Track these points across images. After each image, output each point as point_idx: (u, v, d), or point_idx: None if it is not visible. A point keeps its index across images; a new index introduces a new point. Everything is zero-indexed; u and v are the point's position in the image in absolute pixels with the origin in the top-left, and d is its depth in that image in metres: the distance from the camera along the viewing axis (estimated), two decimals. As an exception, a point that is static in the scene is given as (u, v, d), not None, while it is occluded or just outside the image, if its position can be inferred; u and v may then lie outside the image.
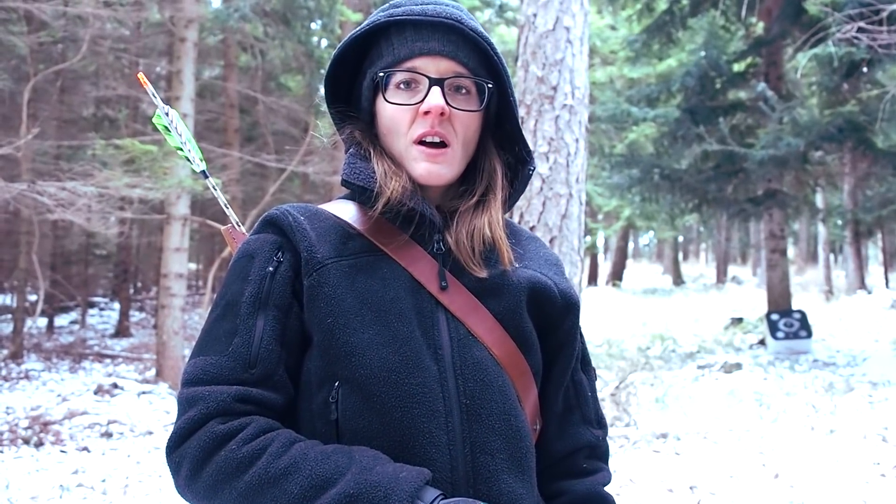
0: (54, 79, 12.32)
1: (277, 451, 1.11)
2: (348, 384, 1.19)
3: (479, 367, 1.25)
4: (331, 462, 1.10)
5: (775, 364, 11.15)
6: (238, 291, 1.24)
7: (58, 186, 7.83)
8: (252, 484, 1.09)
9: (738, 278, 33.61)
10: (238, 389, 1.16)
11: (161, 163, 8.26)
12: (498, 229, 1.32)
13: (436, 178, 1.29)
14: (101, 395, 9.23)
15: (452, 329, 1.26)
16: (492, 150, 1.37)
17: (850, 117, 11.24)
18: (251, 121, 16.51)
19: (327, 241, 1.27)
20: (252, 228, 1.34)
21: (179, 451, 1.15)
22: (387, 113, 1.29)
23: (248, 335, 1.20)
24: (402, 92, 1.28)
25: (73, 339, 14.96)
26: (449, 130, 1.28)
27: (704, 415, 7.98)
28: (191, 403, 1.16)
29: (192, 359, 1.22)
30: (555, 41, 4.41)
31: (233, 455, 1.11)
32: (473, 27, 1.28)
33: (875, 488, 5.47)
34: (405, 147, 1.29)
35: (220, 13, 10.83)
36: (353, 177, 1.29)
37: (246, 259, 1.27)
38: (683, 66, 13.13)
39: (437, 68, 1.26)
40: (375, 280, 1.25)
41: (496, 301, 1.30)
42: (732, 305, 19.82)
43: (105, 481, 6.21)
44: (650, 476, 5.88)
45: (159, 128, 1.60)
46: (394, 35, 1.28)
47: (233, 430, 1.13)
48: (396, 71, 1.27)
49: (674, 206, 14.11)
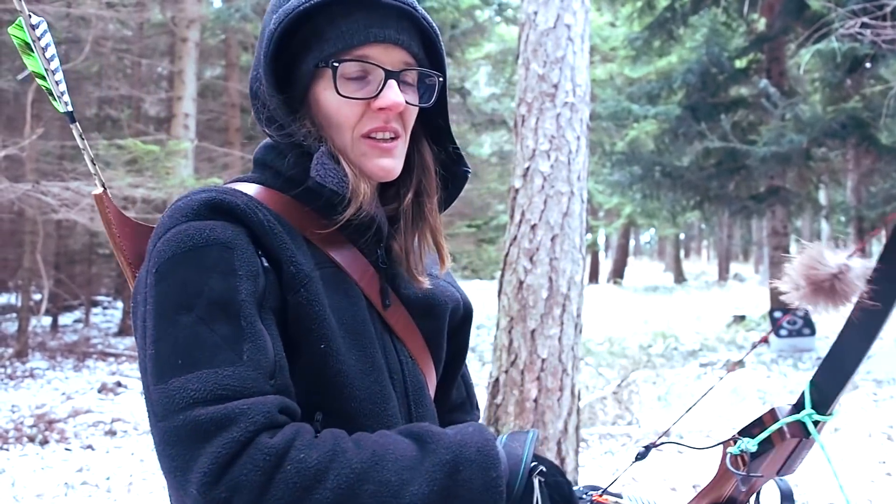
0: (57, 79, 12.33)
1: (348, 447, 0.99)
2: (334, 415, 1.08)
3: (422, 391, 1.24)
4: (401, 441, 1.03)
5: (778, 362, 11.15)
6: (227, 288, 1.01)
7: (62, 186, 7.86)
8: (342, 487, 0.94)
9: (741, 276, 33.60)
10: (278, 398, 0.98)
11: (164, 163, 8.28)
12: (439, 234, 1.26)
13: (391, 175, 1.17)
14: (105, 394, 9.26)
15: (400, 352, 1.22)
16: (424, 145, 1.25)
17: (854, 113, 11.24)
18: (252, 120, 16.51)
19: (298, 246, 1.11)
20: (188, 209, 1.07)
21: (225, 482, 0.91)
22: (332, 105, 1.13)
23: (261, 340, 1.00)
24: (350, 83, 1.12)
25: (77, 338, 14.98)
26: (398, 125, 1.16)
27: (707, 413, 7.99)
28: (223, 424, 0.93)
29: (183, 375, 0.97)
30: (556, 39, 4.41)
31: (304, 465, 0.94)
32: (424, 14, 1.17)
33: (880, 487, 5.48)
34: (351, 141, 1.14)
35: (221, 13, 10.85)
36: (328, 180, 1.13)
37: (219, 248, 1.03)
38: (685, 63, 13.13)
39: (391, 58, 1.13)
40: (342, 297, 1.14)
41: (426, 321, 1.27)
42: (735, 303, 19.81)
43: (109, 479, 6.24)
44: (653, 475, 5.89)
45: (17, 43, 1.20)
46: (338, 15, 1.11)
47: (288, 439, 0.95)
48: (348, 60, 1.11)
49: (675, 204, 14.11)
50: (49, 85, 1.22)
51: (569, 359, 4.26)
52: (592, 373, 8.34)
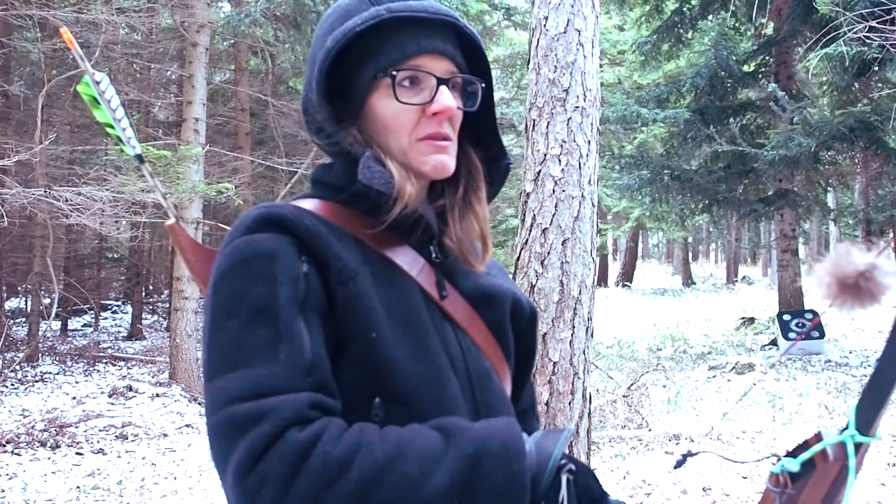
0: (67, 84, 12.40)
1: (373, 440, 1.03)
2: (392, 401, 1.14)
3: (488, 377, 1.28)
4: (427, 434, 1.06)
5: (787, 365, 11.13)
6: (267, 295, 1.09)
7: (74, 191, 7.90)
8: (364, 479, 0.99)
9: (749, 278, 33.50)
10: (310, 395, 1.05)
11: (175, 167, 8.31)
12: (486, 224, 1.33)
13: (445, 171, 1.26)
14: (116, 398, 9.29)
15: (461, 340, 1.27)
16: (467, 147, 1.35)
17: (862, 117, 11.21)
18: (262, 124, 16.56)
19: (345, 246, 1.19)
20: (243, 226, 1.17)
21: (256, 473, 0.98)
22: (390, 111, 1.23)
23: (298, 341, 1.07)
24: (406, 90, 1.23)
25: (87, 342, 15.04)
26: (448, 128, 1.26)
27: (717, 416, 7.98)
28: (254, 419, 1.00)
29: (226, 374, 1.06)
30: (566, 43, 4.43)
31: (329, 457, 0.99)
32: (465, 24, 1.28)
33: (890, 490, 5.47)
34: (409, 144, 1.24)
35: (231, 18, 10.89)
36: (374, 181, 1.22)
37: (263, 259, 1.12)
38: (693, 67, 13.12)
39: (439, 67, 1.24)
40: (394, 290, 1.21)
41: (488, 311, 1.33)
42: (743, 306, 19.76)
43: (121, 483, 6.26)
44: (663, 478, 5.89)
45: (85, 98, 1.36)
46: (389, 31, 1.23)
47: (315, 433, 1.01)
48: (404, 69, 1.22)
49: (684, 207, 14.09)
50: (118, 132, 1.37)
51: (580, 362, 4.27)
52: (602, 376, 8.34)
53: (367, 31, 1.21)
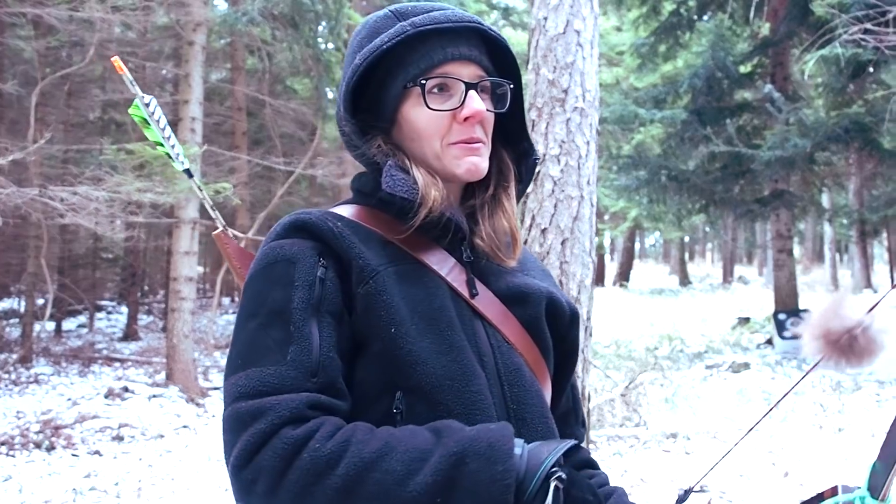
0: (61, 83, 12.36)
1: (363, 438, 1.08)
2: (413, 394, 1.18)
3: (519, 373, 1.29)
4: (420, 435, 1.10)
5: (783, 363, 11.15)
6: (284, 298, 1.17)
7: (69, 191, 7.87)
8: (350, 475, 1.04)
9: (745, 278, 33.57)
10: (309, 395, 1.11)
11: (172, 167, 8.27)
12: (514, 220, 1.35)
13: (478, 173, 1.30)
14: (112, 399, 9.26)
15: (491, 336, 1.29)
16: (498, 146, 1.39)
17: (857, 118, 11.24)
18: (259, 124, 16.54)
19: (370, 246, 1.25)
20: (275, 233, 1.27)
21: (251, 467, 1.06)
22: (422, 119, 1.28)
23: (307, 343, 1.14)
24: (435, 97, 1.27)
25: (82, 343, 14.99)
26: (481, 132, 1.30)
27: (713, 414, 8.00)
28: (255, 416, 1.08)
29: (239, 372, 1.14)
30: (566, 44, 4.43)
31: (318, 454, 1.05)
32: (490, 27, 1.32)
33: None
34: (441, 149, 1.29)
35: (228, 17, 10.87)
36: (398, 189, 1.25)
37: (285, 264, 1.21)
38: (690, 68, 13.13)
39: (467, 73, 1.28)
40: (420, 288, 1.24)
41: (521, 309, 1.34)
42: (739, 305, 19.81)
43: (118, 485, 6.24)
44: (661, 476, 5.90)
45: (136, 119, 1.45)
46: (417, 42, 1.27)
47: (309, 431, 1.07)
48: (433, 77, 1.26)
49: (681, 208, 14.11)
50: (167, 150, 1.47)
51: (579, 361, 4.27)
52: (600, 375, 8.34)
53: (397, 45, 1.26)
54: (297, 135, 16.14)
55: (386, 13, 1.33)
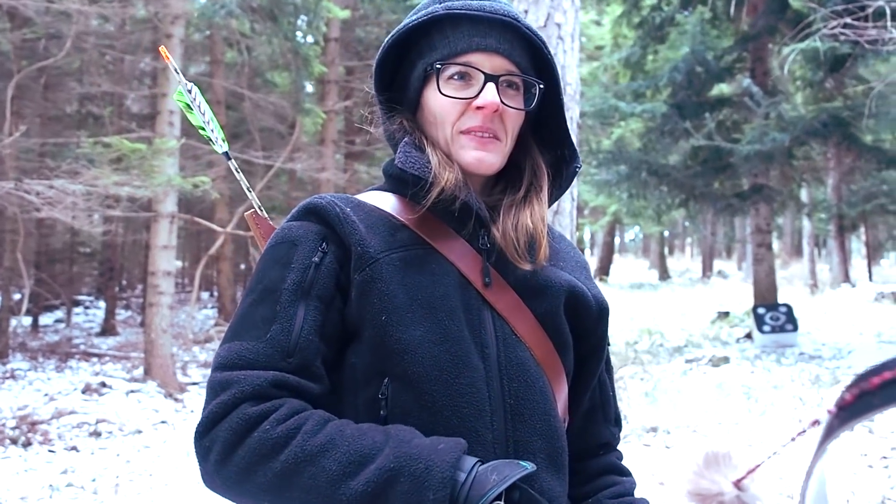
0: (38, 76, 12.23)
1: (313, 429, 1.10)
2: (399, 381, 1.19)
3: (522, 368, 1.26)
4: (367, 438, 1.09)
5: (762, 357, 11.21)
6: (278, 277, 1.22)
7: (45, 185, 7.77)
8: (288, 463, 1.07)
9: (724, 272, 33.81)
10: (275, 374, 1.14)
11: (150, 161, 8.20)
12: (541, 224, 1.32)
13: (486, 167, 1.29)
14: (89, 394, 9.18)
15: (498, 328, 1.27)
16: (534, 149, 1.38)
17: (835, 112, 11.32)
18: (238, 117, 16.44)
19: (376, 232, 1.26)
20: (290, 214, 1.31)
21: (209, 436, 1.11)
22: (437, 103, 1.29)
23: (289, 323, 1.17)
24: (455, 84, 1.28)
25: (59, 338, 14.87)
26: (499, 126, 1.28)
27: (693, 408, 8.03)
28: (223, 387, 1.13)
29: (226, 343, 1.19)
30: (546, 37, 4.41)
31: (267, 435, 1.08)
32: (528, 25, 1.30)
33: (862, 479, 5.52)
34: (452, 136, 1.29)
35: (206, 9, 10.78)
36: (409, 166, 1.27)
37: (287, 245, 1.25)
38: (670, 62, 13.17)
39: (492, 65, 1.27)
40: (425, 275, 1.24)
41: (537, 301, 1.31)
42: (718, 299, 19.92)
43: (95, 481, 6.18)
44: (641, 470, 5.91)
45: (181, 105, 1.55)
46: (448, 28, 1.28)
47: (266, 411, 1.11)
48: (452, 63, 1.27)
49: (661, 203, 14.15)
50: (208, 134, 1.55)
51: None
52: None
53: (430, 26, 1.29)
54: (277, 129, 16.05)
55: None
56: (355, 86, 15.84)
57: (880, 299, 17.90)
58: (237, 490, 1.11)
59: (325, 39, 14.20)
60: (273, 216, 1.55)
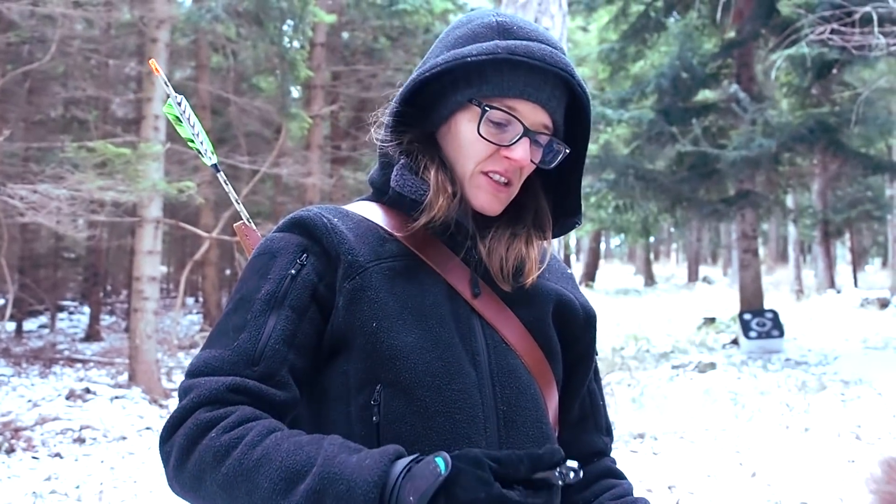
0: (22, 80, 12.15)
1: (253, 440, 1.09)
2: (391, 387, 1.19)
3: (514, 375, 1.26)
4: (302, 454, 1.07)
5: (749, 363, 11.25)
6: (254, 288, 1.23)
7: (30, 189, 7.70)
8: (228, 476, 1.07)
9: (709, 278, 33.92)
10: (233, 379, 1.15)
11: (135, 165, 8.14)
12: (533, 256, 1.32)
13: (492, 212, 1.30)
14: (74, 400, 9.10)
15: (488, 336, 1.27)
16: (540, 194, 1.37)
17: (821, 118, 11.38)
18: (223, 122, 16.38)
19: (365, 242, 1.26)
20: (276, 226, 1.32)
21: (170, 441, 1.14)
22: (469, 138, 1.27)
23: (257, 332, 1.18)
24: (491, 126, 1.25)
25: (43, 344, 14.75)
26: (515, 175, 1.29)
27: (680, 414, 8.03)
28: (185, 393, 1.16)
29: (200, 351, 1.21)
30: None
31: (212, 444, 1.09)
32: (581, 83, 1.28)
33: (850, 485, 5.53)
34: (472, 173, 1.28)
35: (192, 14, 10.74)
36: (406, 189, 1.29)
37: (267, 256, 1.26)
38: (656, 68, 13.21)
39: (534, 118, 1.26)
40: (414, 285, 1.25)
41: (525, 310, 1.32)
42: (704, 305, 19.97)
43: (79, 487, 6.12)
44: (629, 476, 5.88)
45: (170, 118, 1.56)
46: (506, 67, 1.24)
47: (217, 417, 1.12)
48: (500, 108, 1.24)
49: (648, 216, 14.17)
50: (197, 147, 1.56)
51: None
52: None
53: (484, 60, 1.24)
54: (262, 133, 16.00)
55: (490, 22, 1.29)
56: (341, 91, 15.81)
57: (865, 305, 18.01)
58: (193, 496, 1.13)
59: (311, 44, 14.16)
60: (258, 222, 1.54)
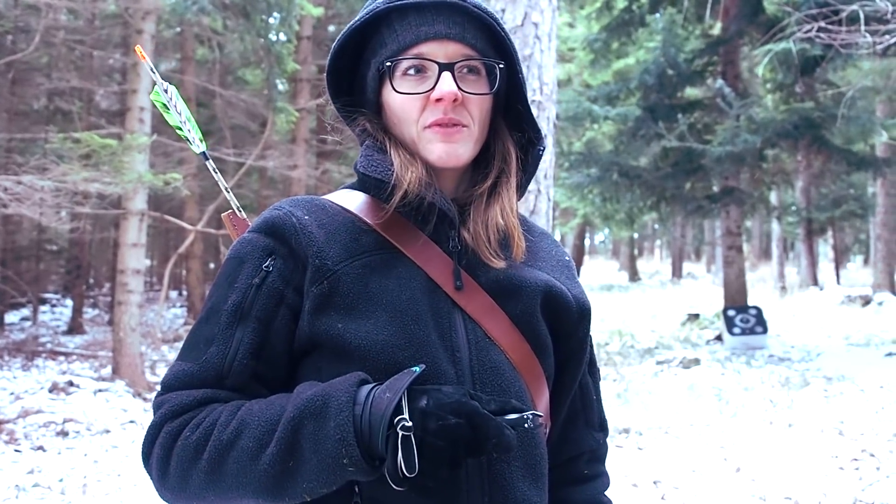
0: (6, 70, 12.03)
1: (226, 419, 1.12)
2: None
3: (496, 372, 1.21)
4: (275, 405, 1.10)
5: (732, 359, 11.30)
6: (222, 297, 1.21)
7: (13, 180, 7.63)
8: (212, 457, 1.10)
9: (693, 274, 34.10)
10: (204, 392, 1.17)
11: (120, 157, 8.07)
12: (511, 217, 1.27)
13: (454, 160, 1.23)
14: (57, 393, 9.03)
15: (469, 331, 1.21)
16: (504, 132, 1.31)
17: (806, 114, 11.43)
18: (209, 114, 16.29)
19: (337, 240, 1.21)
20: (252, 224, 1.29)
21: (149, 460, 1.17)
22: (396, 102, 1.23)
23: (225, 346, 1.18)
24: (410, 79, 1.21)
25: (25, 336, 14.64)
26: (464, 115, 1.22)
27: (665, 410, 8.06)
28: (158, 407, 1.18)
29: (175, 362, 1.22)
30: (523, 37, 4.39)
31: (187, 441, 1.12)
32: (477, 4, 1.22)
33: (834, 481, 5.57)
34: (417, 133, 1.23)
35: (178, 5, 10.64)
36: (371, 169, 1.23)
37: (236, 262, 1.24)
38: (641, 64, 13.23)
39: (446, 52, 1.20)
40: (390, 280, 1.20)
41: (512, 303, 1.26)
42: (688, 301, 20.07)
43: (62, 481, 6.08)
44: (614, 471, 5.88)
45: (157, 105, 1.55)
46: (395, 21, 1.21)
47: (184, 421, 1.15)
48: (403, 59, 1.20)
49: (633, 207, 14.20)
50: (185, 134, 1.55)
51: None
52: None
53: (378, 23, 1.23)
54: (248, 126, 15.92)
55: None
56: (328, 84, 15.75)
57: (847, 302, 18.14)
58: (183, 497, 1.15)
59: (298, 37, 14.10)
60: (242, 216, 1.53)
